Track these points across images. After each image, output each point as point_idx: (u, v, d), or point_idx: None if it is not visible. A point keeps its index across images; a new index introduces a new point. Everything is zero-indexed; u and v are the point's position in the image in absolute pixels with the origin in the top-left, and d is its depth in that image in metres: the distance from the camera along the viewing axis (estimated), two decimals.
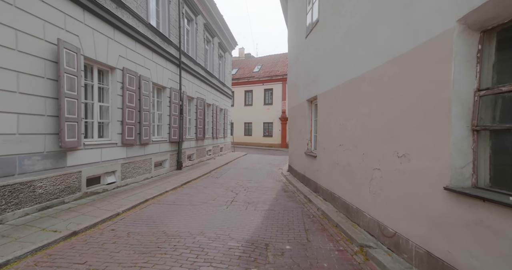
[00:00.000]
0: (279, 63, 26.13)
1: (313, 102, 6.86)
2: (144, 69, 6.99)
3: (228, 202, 5.46)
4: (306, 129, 7.02)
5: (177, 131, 9.02)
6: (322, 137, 5.70)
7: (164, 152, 8.28)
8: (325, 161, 5.44)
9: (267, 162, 13.33)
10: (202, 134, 11.75)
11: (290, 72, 9.87)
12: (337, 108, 4.79)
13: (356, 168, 3.97)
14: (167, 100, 8.47)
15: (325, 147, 5.45)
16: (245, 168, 10.99)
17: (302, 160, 7.27)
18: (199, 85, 11.59)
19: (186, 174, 8.58)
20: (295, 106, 8.43)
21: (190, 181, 7.59)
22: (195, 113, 11.14)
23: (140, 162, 6.79)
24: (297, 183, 7.34)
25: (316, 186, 5.92)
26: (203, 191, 6.45)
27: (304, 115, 7.21)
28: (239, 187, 7.08)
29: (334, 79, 4.97)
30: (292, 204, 5.41)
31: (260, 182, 7.85)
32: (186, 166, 10.13)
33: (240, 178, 8.51)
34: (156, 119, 8.07)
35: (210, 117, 13.67)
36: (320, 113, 5.81)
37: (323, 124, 5.62)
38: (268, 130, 24.84)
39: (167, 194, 5.95)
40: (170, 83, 8.63)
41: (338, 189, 4.67)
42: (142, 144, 6.89)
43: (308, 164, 6.67)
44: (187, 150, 10.29)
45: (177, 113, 9.02)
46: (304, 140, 7.22)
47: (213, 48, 13.73)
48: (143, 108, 6.79)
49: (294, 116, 8.67)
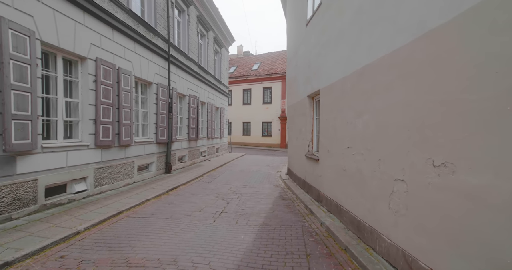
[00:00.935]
0: (278, 61, 25.35)
1: (314, 99, 6.08)
2: (125, 61, 6.20)
3: (216, 213, 4.69)
4: (307, 129, 6.24)
5: (165, 131, 8.24)
6: (325, 138, 4.92)
7: (150, 154, 7.51)
8: (329, 165, 4.66)
9: (265, 163, 12.56)
10: (195, 134, 10.97)
11: (289, 67, 9.08)
12: (344, 104, 4.01)
13: (370, 176, 3.19)
14: (153, 97, 7.69)
15: (329, 150, 4.67)
16: (241, 170, 10.22)
17: (303, 163, 6.50)
18: (192, 82, 10.81)
19: (175, 178, 7.81)
20: (295, 104, 7.65)
21: (177, 187, 6.82)
22: (187, 111, 10.36)
23: (119, 166, 6.01)
24: (296, 189, 6.56)
25: (319, 194, 5.15)
26: (190, 199, 5.68)
27: (304, 113, 6.44)
28: (231, 193, 6.31)
29: (339, 69, 4.19)
30: (291, 216, 4.63)
31: (256, 187, 7.08)
32: (177, 169, 9.36)
33: (234, 182, 7.74)
34: (141, 118, 7.29)
35: (205, 116, 12.89)
36: (323, 111, 5.04)
37: (326, 123, 4.85)
38: (267, 130, 24.07)
39: (147, 204, 5.17)
40: (157, 78, 7.85)
41: (346, 201, 3.89)
42: (122, 146, 6.12)
43: (309, 168, 5.90)
44: (178, 151, 9.51)
45: (165, 111, 8.24)
46: (304, 141, 6.44)
47: (207, 43, 12.95)
48: (122, 105, 6.01)
49: (294, 115, 7.89)
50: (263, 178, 8.52)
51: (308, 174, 6.04)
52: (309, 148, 6.22)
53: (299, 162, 6.95)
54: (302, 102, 6.68)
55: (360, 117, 3.47)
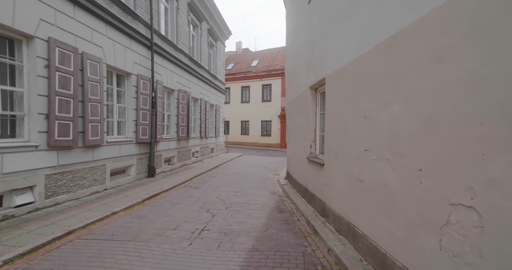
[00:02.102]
0: (278, 57, 24.34)
1: (318, 90, 5.09)
2: (92, 45, 5.21)
3: (195, 232, 3.71)
4: (309, 127, 5.25)
5: (148, 129, 7.26)
6: (332, 137, 3.93)
7: (128, 155, 6.53)
8: (337, 172, 3.67)
9: (263, 164, 11.57)
10: (186, 133, 9.98)
11: (288, 57, 8.07)
12: (359, 92, 3.02)
13: (402, 193, 2.21)
14: (132, 90, 6.70)
15: (337, 152, 3.68)
16: (236, 173, 9.23)
17: (304, 167, 5.51)
18: (182, 76, 9.81)
19: (158, 183, 6.83)
20: (295, 98, 6.65)
21: (158, 194, 5.84)
22: (176, 108, 9.37)
23: (83, 171, 5.03)
24: (296, 198, 5.57)
25: (324, 207, 4.16)
26: (168, 211, 4.70)
27: (306, 108, 5.45)
28: (220, 203, 5.32)
29: (352, 48, 3.20)
30: (289, 237, 3.64)
31: (250, 194, 6.09)
32: (163, 172, 8.38)
33: (226, 188, 6.76)
34: (116, 113, 6.30)
35: (198, 113, 11.90)
36: (330, 104, 4.05)
37: (333, 119, 3.86)
38: (266, 129, 23.08)
39: (112, 218, 4.19)
40: (138, 69, 6.86)
41: (363, 222, 2.91)
42: (89, 146, 5.13)
43: (312, 174, 4.91)
44: (164, 152, 8.53)
45: (148, 107, 7.26)
46: (306, 141, 5.45)
47: (200, 35, 11.95)
48: (89, 97, 5.03)
49: (294, 111, 6.89)
50: (259, 183, 7.53)
51: (310, 180, 5.06)
52: (312, 149, 5.23)
53: (299, 165, 5.96)
54: (303, 96, 5.68)
55: (386, 108, 2.48)
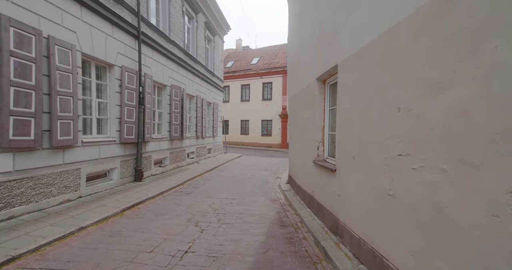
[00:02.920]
0: (279, 55, 23.57)
1: (327, 82, 4.32)
2: (62, 29, 4.46)
3: (176, 256, 2.95)
4: (316, 125, 4.48)
5: (134, 128, 6.50)
6: (347, 137, 3.16)
7: (110, 157, 5.77)
8: (356, 181, 2.90)
9: (263, 166, 10.80)
10: (179, 132, 9.23)
11: (291, 47, 7.27)
12: (391, 76, 2.24)
13: (477, 225, 1.43)
14: (115, 84, 5.94)
15: (355, 156, 2.91)
16: (233, 176, 8.47)
17: (309, 172, 4.74)
18: (175, 70, 9.05)
19: (145, 188, 6.07)
20: (299, 93, 5.88)
21: (142, 202, 5.08)
22: (168, 105, 8.61)
23: (50, 177, 4.27)
24: (301, 208, 4.80)
25: (337, 224, 3.39)
26: (149, 225, 3.94)
27: (312, 103, 4.68)
28: (212, 213, 4.56)
29: (381, 19, 2.42)
30: (294, 263, 2.86)
31: (247, 202, 5.32)
32: (153, 175, 7.62)
33: (221, 194, 5.99)
34: (95, 110, 5.54)
35: (193, 112, 11.15)
36: (344, 96, 3.28)
37: (350, 115, 3.09)
38: (267, 128, 22.31)
39: (77, 236, 3.43)
40: (122, 60, 6.11)
41: (396, 253, 2.13)
42: (58, 147, 4.38)
43: (320, 181, 4.14)
44: (155, 154, 7.77)
45: (134, 103, 6.50)
46: (312, 142, 4.68)
47: (197, 28, 11.19)
48: (56, 90, 4.28)
49: (297, 107, 6.12)
50: (258, 188, 6.77)
51: (318, 188, 4.29)
52: (319, 152, 4.46)
53: (304, 169, 5.19)
54: (308, 89, 4.92)
55: (439, 95, 1.71)
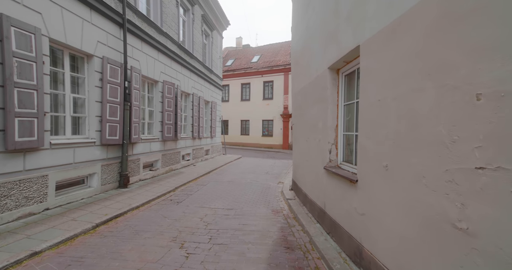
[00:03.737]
0: (281, 52, 22.82)
1: (341, 72, 3.56)
2: (22, 8, 3.71)
3: None
4: (327, 124, 3.72)
5: (118, 128, 5.76)
6: (376, 139, 2.40)
7: (88, 161, 5.03)
8: (391, 199, 2.13)
9: (264, 169, 10.04)
10: (173, 133, 8.48)
11: (295, 35, 6.47)
12: (460, 48, 1.48)
13: None
14: (95, 77, 5.20)
15: (389, 164, 2.15)
16: (231, 180, 7.71)
17: (319, 180, 3.98)
18: (168, 65, 8.31)
19: (129, 196, 5.32)
20: (305, 87, 5.13)
21: (123, 214, 4.34)
22: (160, 103, 7.87)
23: (4, 186, 3.52)
24: (309, 223, 4.03)
25: (360, 252, 2.62)
26: (123, 247, 3.18)
27: (322, 98, 3.93)
28: (202, 229, 3.81)
29: None
30: None
31: (245, 214, 4.57)
32: (142, 180, 6.87)
33: (216, 202, 5.24)
34: (69, 106, 4.79)
35: (189, 111, 10.41)
36: (371, 86, 2.52)
37: (382, 110, 2.32)
38: (268, 129, 21.55)
39: (25, 265, 2.68)
40: (103, 50, 5.37)
41: None
42: (15, 151, 3.63)
43: (335, 192, 3.38)
44: (144, 156, 7.03)
45: (118, 99, 5.76)
46: (322, 144, 3.92)
47: (193, 20, 10.45)
48: (13, 81, 3.53)
49: (303, 104, 5.35)
50: (259, 195, 6.01)
51: (331, 200, 3.52)
52: (332, 156, 3.70)
53: (312, 176, 4.43)
54: (318, 82, 4.16)
55: None
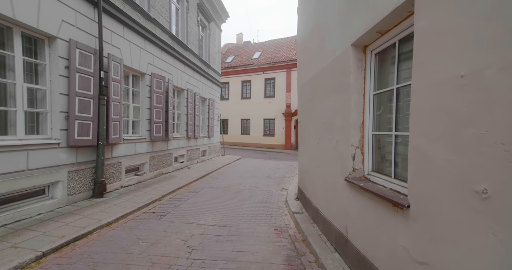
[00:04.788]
0: (283, 48, 21.84)
1: (369, 50, 2.59)
2: None
3: None
4: (349, 121, 2.76)
5: (91, 126, 4.83)
6: (453, 141, 1.43)
7: (50, 167, 4.10)
8: (491, 250, 1.20)
9: (265, 172, 9.10)
10: (163, 132, 7.55)
11: (302, 13, 5.44)
12: None
13: None
14: (59, 64, 4.27)
15: (488, 189, 1.21)
16: (227, 187, 6.77)
17: (338, 195, 3.01)
18: (158, 56, 7.38)
19: (102, 208, 4.40)
20: (317, 75, 4.16)
21: (85, 235, 3.40)
22: (148, 98, 6.95)
23: None
24: (324, 251, 3.06)
25: None
26: None
27: (341, 86, 2.97)
28: (183, 262, 2.86)
29: None
30: None
31: (241, 234, 3.62)
32: (124, 187, 5.94)
33: (206, 217, 4.30)
34: (21, 100, 3.85)
35: (183, 108, 9.48)
36: (443, 54, 1.56)
37: (475, 89, 1.37)
38: (269, 128, 20.60)
39: None
40: (70, 32, 4.44)
41: None
42: None
43: (364, 217, 2.40)
44: (127, 159, 6.10)
45: (91, 92, 4.83)
46: (341, 147, 2.96)
47: (187, 9, 9.51)
48: None
49: (314, 97, 4.38)
50: (259, 206, 5.06)
51: (357, 226, 2.56)
52: (356, 163, 2.74)
53: (326, 187, 3.47)
54: (336, 66, 3.20)
55: None
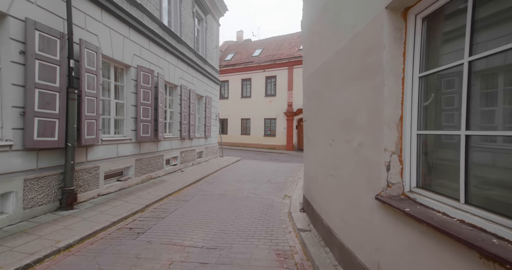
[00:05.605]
0: (284, 45, 21.04)
1: (412, 13, 1.80)
2: None
3: None
4: (380, 117, 1.96)
5: (58, 125, 4.05)
6: None
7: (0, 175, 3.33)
8: None
9: (266, 175, 8.29)
10: (152, 132, 6.76)
11: None
12: None
13: None
14: (11, 48, 3.49)
15: None
16: (223, 194, 5.98)
17: (362, 218, 2.19)
18: (146, 48, 6.59)
19: (68, 224, 3.61)
20: (329, 61, 3.34)
21: (32, 266, 2.62)
22: (133, 94, 6.17)
23: None
24: None
25: None
26: None
27: (366, 71, 2.16)
28: None
29: None
30: None
31: (235, 262, 2.80)
32: (102, 195, 5.15)
33: (193, 234, 3.50)
34: None
35: (177, 106, 8.70)
36: None
37: None
38: (270, 128, 19.79)
39: None
40: (27, 10, 3.66)
41: None
42: None
43: (416, 260, 1.62)
44: (107, 163, 5.31)
45: (57, 84, 4.04)
46: (367, 151, 2.15)
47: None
48: None
49: (323, 88, 3.56)
50: (258, 219, 4.26)
51: (396, 266, 1.77)
52: (391, 176, 1.93)
53: (345, 206, 2.66)
54: (359, 44, 2.39)
55: None
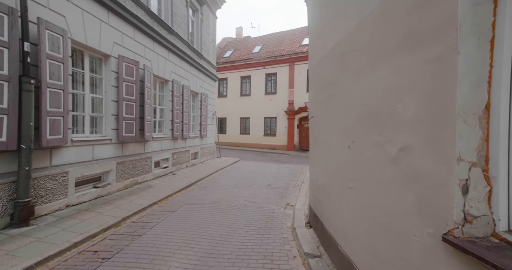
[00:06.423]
0: (285, 41, 20.24)
1: None
2: None
3: None
4: (447, 105, 1.20)
5: (5, 122, 3.28)
6: None
7: None
8: None
9: (265, 179, 7.52)
10: (137, 131, 5.99)
11: None
12: None
13: None
14: None
15: None
16: (215, 201, 5.21)
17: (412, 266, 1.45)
18: (130, 35, 5.81)
19: (12, 248, 2.83)
20: (344, 40, 2.53)
21: None
22: (114, 88, 5.40)
23: None
24: None
25: None
26: None
27: (418, 37, 1.40)
28: None
29: None
30: None
31: None
32: (71, 206, 4.38)
33: (172, 261, 2.72)
34: None
35: (168, 102, 7.93)
36: None
37: None
38: (271, 127, 19.02)
39: None
40: None
41: None
42: None
43: None
44: (78, 167, 4.54)
45: (4, 72, 3.27)
46: (418, 159, 1.38)
47: None
48: None
49: (339, 77, 2.75)
50: (254, 237, 3.47)
51: None
52: (471, 203, 1.15)
53: (377, 238, 1.86)
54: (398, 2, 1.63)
55: None
